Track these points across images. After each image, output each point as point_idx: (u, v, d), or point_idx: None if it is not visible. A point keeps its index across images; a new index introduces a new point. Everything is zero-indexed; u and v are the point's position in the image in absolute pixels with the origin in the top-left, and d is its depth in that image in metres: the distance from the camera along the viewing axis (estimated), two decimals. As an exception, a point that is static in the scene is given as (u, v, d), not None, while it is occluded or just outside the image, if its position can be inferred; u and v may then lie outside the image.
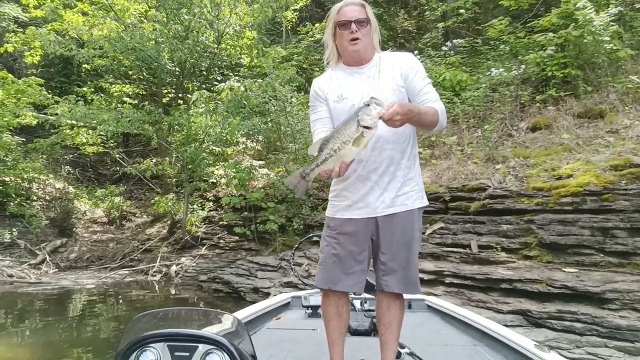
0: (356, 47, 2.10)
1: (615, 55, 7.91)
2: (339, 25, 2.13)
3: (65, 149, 14.49)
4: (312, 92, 2.26)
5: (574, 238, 5.75)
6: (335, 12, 2.17)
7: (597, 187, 5.89)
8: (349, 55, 2.16)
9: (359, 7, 2.13)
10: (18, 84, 12.12)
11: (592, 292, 4.99)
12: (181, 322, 1.81)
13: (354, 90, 2.12)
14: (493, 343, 2.72)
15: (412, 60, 2.19)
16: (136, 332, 1.51)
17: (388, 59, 2.18)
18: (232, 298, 9.00)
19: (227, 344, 1.45)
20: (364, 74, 2.15)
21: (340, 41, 2.15)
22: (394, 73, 2.12)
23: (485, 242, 6.51)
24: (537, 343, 2.38)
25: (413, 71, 2.13)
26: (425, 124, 2.03)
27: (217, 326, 1.63)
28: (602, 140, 7.09)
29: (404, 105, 1.87)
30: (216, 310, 1.94)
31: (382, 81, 2.11)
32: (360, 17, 2.10)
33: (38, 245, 12.23)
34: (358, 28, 2.08)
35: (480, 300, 5.74)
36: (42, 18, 13.23)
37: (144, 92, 14.54)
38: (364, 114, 1.77)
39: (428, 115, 2.00)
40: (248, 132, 10.57)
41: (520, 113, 8.71)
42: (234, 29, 11.61)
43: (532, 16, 9.72)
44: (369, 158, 2.07)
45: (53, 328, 7.61)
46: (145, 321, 1.69)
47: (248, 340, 1.61)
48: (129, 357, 1.44)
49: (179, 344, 1.46)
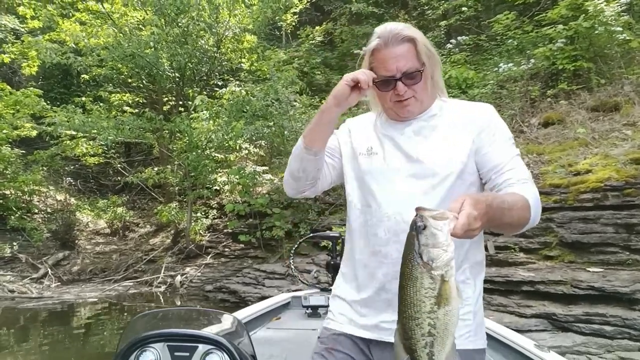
0: (407, 109, 1.41)
1: (628, 46, 7.68)
2: (377, 84, 1.40)
3: (66, 160, 14.28)
4: (341, 127, 1.65)
5: (597, 236, 5.49)
6: (369, 54, 1.41)
7: (619, 182, 5.66)
8: (394, 114, 1.48)
9: (407, 45, 1.36)
10: (16, 95, 11.93)
11: (622, 292, 4.74)
12: (181, 322, 1.80)
13: (388, 144, 1.46)
14: (493, 343, 2.62)
15: (491, 115, 1.43)
16: (136, 332, 1.51)
17: (453, 109, 1.46)
18: (240, 308, 8.71)
19: (227, 344, 1.45)
20: (408, 127, 1.45)
21: (382, 100, 1.46)
22: (457, 131, 1.40)
23: (502, 243, 6.25)
24: (537, 343, 2.32)
25: (490, 132, 1.38)
26: (512, 222, 1.22)
27: (217, 326, 1.63)
28: (619, 134, 6.85)
29: (479, 201, 1.05)
30: (216, 310, 1.94)
31: (433, 141, 1.40)
32: (410, 67, 1.35)
33: (40, 259, 11.98)
34: (408, 86, 1.37)
35: (501, 304, 5.48)
36: (39, 29, 13.08)
37: (144, 100, 14.36)
38: (427, 247, 1.00)
39: (515, 208, 1.20)
40: (251, 136, 10.35)
41: (530, 109, 8.48)
42: (234, 32, 11.42)
43: (539, 9, 9.51)
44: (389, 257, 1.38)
45: (56, 344, 7.38)
46: (145, 321, 1.70)
47: (248, 340, 1.60)
48: (128, 357, 1.44)
49: (179, 344, 1.46)
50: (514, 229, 1.28)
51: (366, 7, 13.76)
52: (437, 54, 1.44)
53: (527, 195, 1.25)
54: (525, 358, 2.25)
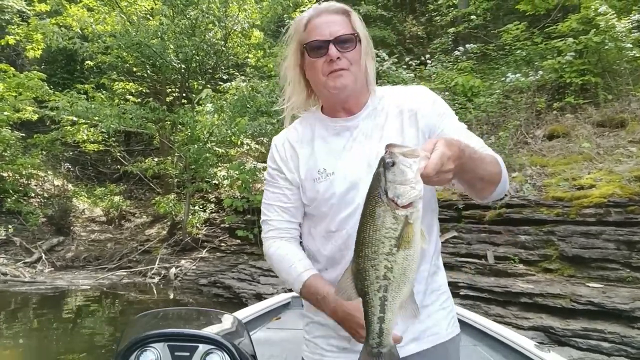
0: (341, 81, 1.27)
1: (637, 63, 7.67)
2: (308, 49, 1.29)
3: (66, 145, 14.22)
4: (271, 156, 1.44)
5: (598, 251, 5.46)
6: (300, 27, 1.32)
7: (622, 198, 5.62)
8: (329, 97, 1.34)
9: (341, 15, 1.30)
10: (19, 77, 11.85)
11: (621, 309, 4.71)
12: (181, 322, 1.79)
13: (346, 159, 1.30)
14: (493, 343, 2.67)
15: (429, 96, 1.35)
16: (136, 332, 1.50)
17: (390, 99, 1.36)
18: (233, 304, 8.68)
19: (227, 344, 1.45)
20: (357, 131, 1.33)
21: (312, 74, 1.32)
22: (407, 122, 1.31)
23: (502, 253, 6.22)
24: (537, 343, 2.33)
25: (435, 113, 1.31)
26: (485, 176, 1.18)
27: (217, 326, 1.63)
28: (624, 150, 6.83)
29: (451, 143, 1.01)
30: (216, 310, 1.94)
31: (388, 138, 1.26)
32: (344, 32, 1.27)
33: (34, 243, 11.92)
34: (341, 51, 1.26)
35: (498, 315, 5.44)
36: (46, 12, 13.00)
37: (148, 90, 14.29)
38: (394, 184, 0.95)
39: (486, 161, 1.17)
40: (253, 132, 10.31)
41: (536, 120, 8.45)
42: (242, 26, 11.37)
43: (550, 22, 9.50)
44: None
45: (47, 330, 7.33)
46: (146, 321, 1.69)
47: (248, 340, 1.60)
48: (129, 357, 1.43)
49: (179, 343, 1.46)
50: (486, 185, 1.21)
51: (375, 9, 13.73)
52: (369, 37, 1.35)
53: (492, 153, 1.23)
54: (525, 358, 2.27)
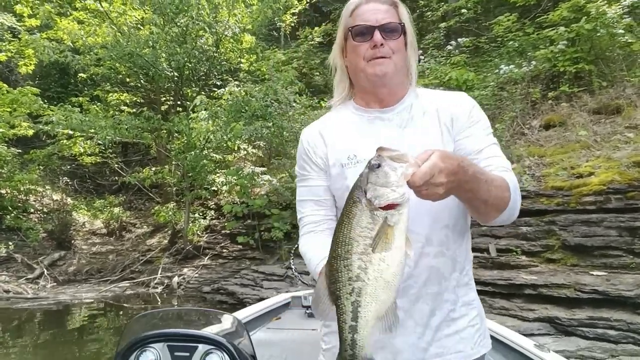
0: (381, 68, 1.27)
1: (630, 48, 7.65)
2: (353, 33, 1.29)
3: (63, 159, 14.17)
4: (300, 149, 1.42)
5: (600, 239, 5.44)
6: (347, 13, 1.33)
7: (622, 184, 5.60)
8: (366, 85, 1.33)
9: (389, 5, 1.30)
10: (13, 93, 11.82)
11: (626, 296, 4.68)
12: (181, 322, 1.80)
13: (374, 146, 1.20)
14: (493, 343, 2.62)
15: (469, 103, 1.34)
16: (136, 332, 1.50)
17: (429, 98, 1.36)
18: (238, 309, 8.66)
19: (227, 344, 1.45)
20: (391, 122, 1.33)
21: (353, 58, 1.32)
22: (438, 122, 1.31)
23: (504, 246, 6.19)
24: (537, 343, 2.33)
25: (469, 120, 1.30)
26: (489, 199, 1.11)
27: (217, 326, 1.63)
28: (621, 137, 6.80)
29: (449, 157, 0.98)
30: (216, 311, 1.94)
31: (416, 133, 1.29)
32: (390, 20, 1.27)
33: (35, 259, 11.87)
34: (386, 39, 1.26)
35: (503, 308, 5.42)
36: (37, 27, 12.98)
37: (142, 100, 14.26)
38: (375, 185, 0.93)
39: (493, 184, 1.11)
40: (250, 137, 10.28)
41: (531, 111, 8.43)
42: (233, 31, 11.36)
43: (540, 11, 9.48)
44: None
45: (52, 346, 7.29)
46: (145, 321, 1.70)
47: (248, 340, 1.60)
48: (129, 357, 1.43)
49: (179, 344, 1.46)
50: (490, 210, 1.15)
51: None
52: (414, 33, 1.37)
53: (507, 179, 1.17)
54: (525, 358, 2.26)
